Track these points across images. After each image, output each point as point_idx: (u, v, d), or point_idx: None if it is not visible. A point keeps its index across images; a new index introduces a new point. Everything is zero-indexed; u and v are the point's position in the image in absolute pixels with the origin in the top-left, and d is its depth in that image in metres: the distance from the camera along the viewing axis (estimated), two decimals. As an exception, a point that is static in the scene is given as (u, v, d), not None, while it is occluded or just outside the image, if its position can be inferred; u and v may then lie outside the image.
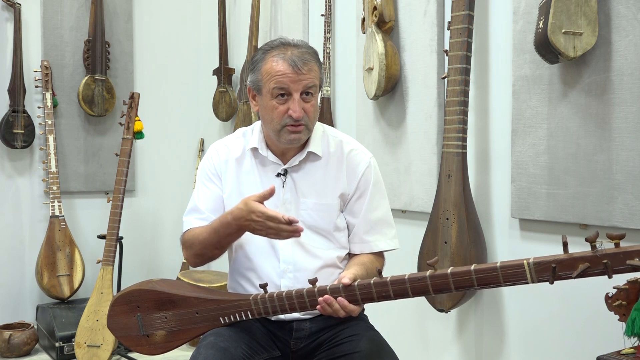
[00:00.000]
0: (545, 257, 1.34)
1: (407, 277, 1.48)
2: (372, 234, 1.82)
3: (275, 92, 1.69)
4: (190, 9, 4.56)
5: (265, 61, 1.71)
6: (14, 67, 3.79)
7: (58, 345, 3.47)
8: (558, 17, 1.90)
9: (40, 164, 3.92)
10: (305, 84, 1.68)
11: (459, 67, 2.28)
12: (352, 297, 1.55)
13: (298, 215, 1.78)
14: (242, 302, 1.65)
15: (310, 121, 1.73)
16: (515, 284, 1.37)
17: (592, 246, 1.28)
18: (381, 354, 1.69)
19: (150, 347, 1.77)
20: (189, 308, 1.70)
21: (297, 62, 1.67)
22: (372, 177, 1.81)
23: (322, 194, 1.79)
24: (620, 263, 1.26)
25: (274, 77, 1.68)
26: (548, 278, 1.32)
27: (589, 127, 2.02)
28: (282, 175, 1.79)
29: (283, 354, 1.79)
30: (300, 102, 1.69)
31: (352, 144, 1.85)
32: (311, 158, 1.80)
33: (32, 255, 3.90)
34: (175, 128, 4.49)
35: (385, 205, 1.86)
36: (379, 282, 1.51)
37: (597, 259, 1.28)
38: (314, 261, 1.78)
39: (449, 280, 1.42)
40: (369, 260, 1.78)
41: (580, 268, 1.29)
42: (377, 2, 2.72)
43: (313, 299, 1.57)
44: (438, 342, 2.66)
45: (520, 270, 1.35)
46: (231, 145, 1.86)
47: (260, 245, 1.79)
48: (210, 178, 1.85)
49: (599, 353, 1.69)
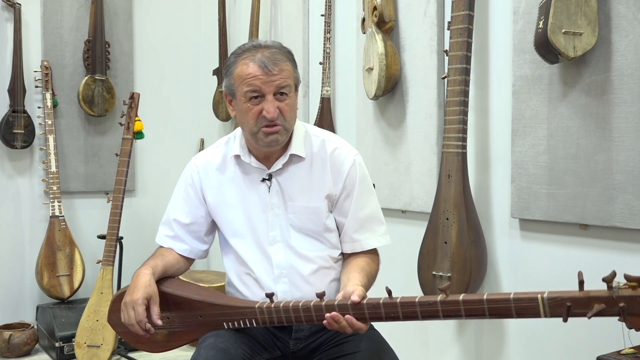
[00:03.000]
0: (561, 293, 1.28)
1: (418, 300, 1.44)
2: (362, 232, 1.79)
3: (248, 95, 1.67)
4: (190, 9, 4.56)
5: (237, 65, 1.69)
6: (14, 67, 3.79)
7: (58, 345, 3.47)
8: (558, 17, 1.90)
9: (40, 164, 3.92)
10: (277, 84, 1.66)
11: (459, 67, 2.28)
12: (360, 315, 1.50)
13: (287, 218, 1.76)
14: (247, 309, 1.62)
15: (287, 121, 1.69)
16: (527, 317, 1.33)
17: (608, 286, 1.24)
18: (381, 354, 1.69)
19: (151, 345, 1.76)
20: (192, 311, 1.69)
21: (267, 63, 1.65)
22: (357, 175, 1.77)
23: (309, 196, 1.76)
24: (637, 307, 1.21)
25: (245, 80, 1.66)
26: (562, 315, 1.28)
27: (589, 127, 2.01)
28: (267, 180, 1.77)
29: (283, 354, 1.79)
30: (274, 102, 1.66)
31: (336, 142, 1.80)
32: (294, 160, 1.77)
33: (32, 255, 3.90)
34: (175, 128, 4.49)
35: (374, 201, 1.83)
36: (389, 302, 1.47)
37: (614, 300, 1.23)
38: (307, 264, 1.76)
39: (460, 307, 1.39)
40: (367, 264, 1.75)
41: (595, 308, 1.24)
42: (377, 2, 2.72)
43: (320, 314, 1.53)
44: (438, 342, 2.66)
45: (534, 304, 1.30)
46: (211, 157, 1.84)
47: (252, 252, 1.78)
48: (187, 192, 1.84)
49: (599, 353, 1.69)
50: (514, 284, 2.33)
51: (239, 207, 1.79)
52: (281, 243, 1.76)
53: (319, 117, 3.29)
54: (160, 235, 1.88)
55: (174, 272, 1.81)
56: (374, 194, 1.84)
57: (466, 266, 2.26)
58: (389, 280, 2.80)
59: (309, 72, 3.50)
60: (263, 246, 1.77)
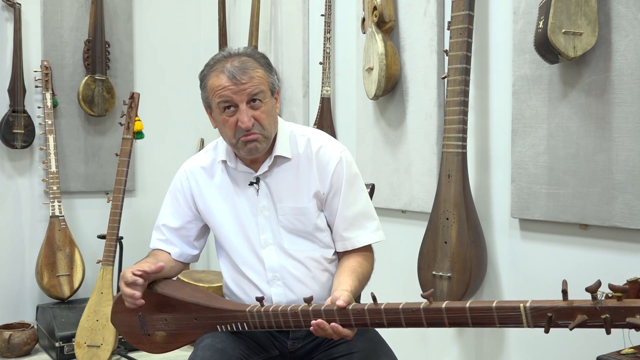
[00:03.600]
0: (543, 302, 1.25)
1: (401, 307, 1.42)
2: (352, 230, 1.76)
3: (222, 106, 1.67)
4: (190, 9, 4.56)
5: (209, 77, 1.69)
6: (14, 67, 3.79)
7: (58, 345, 3.47)
8: (558, 17, 1.90)
9: (40, 164, 3.92)
10: (248, 92, 1.64)
11: (459, 67, 2.28)
12: (346, 321, 1.49)
13: (277, 220, 1.76)
14: (239, 313, 1.63)
15: (265, 128, 1.68)
16: (510, 326, 1.31)
17: (592, 297, 1.20)
18: (380, 355, 1.69)
19: (151, 345, 1.78)
20: (187, 313, 1.69)
21: (235, 73, 1.64)
22: (344, 173, 1.75)
23: (297, 197, 1.75)
24: (621, 319, 1.18)
25: (216, 92, 1.66)
26: (544, 325, 1.25)
27: (589, 127, 2.01)
28: (254, 183, 1.76)
29: (281, 354, 1.78)
30: (249, 111, 1.65)
31: (321, 141, 1.78)
32: (280, 161, 1.76)
33: (32, 255, 3.90)
34: (175, 128, 4.49)
35: (363, 198, 1.80)
36: (373, 308, 1.45)
37: (597, 312, 1.19)
38: (299, 266, 1.75)
39: (443, 315, 1.37)
40: (358, 264, 1.73)
41: (578, 319, 1.21)
42: (377, 2, 2.72)
43: (307, 319, 1.52)
44: (438, 342, 2.66)
45: (516, 314, 1.28)
46: (200, 162, 1.85)
47: (245, 256, 1.77)
48: (177, 198, 1.85)
49: (599, 353, 1.69)
50: (514, 284, 2.33)
51: (229, 212, 1.78)
52: (273, 246, 1.75)
53: (319, 117, 3.29)
54: (153, 240, 1.90)
55: (168, 270, 1.81)
56: (364, 190, 1.81)
57: (466, 266, 2.26)
58: (389, 280, 2.81)
59: (309, 72, 3.50)
60: (255, 250, 1.76)
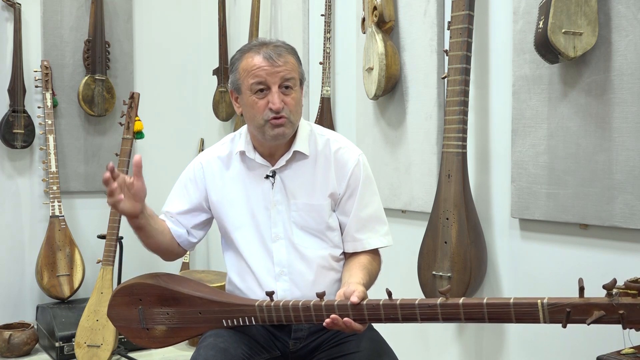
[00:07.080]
0: (561, 299, 1.28)
1: (418, 302, 1.44)
2: (364, 231, 1.79)
3: (254, 88, 1.69)
4: (190, 9, 4.56)
5: (242, 59, 1.72)
6: (14, 67, 3.79)
7: (58, 345, 3.47)
8: (558, 17, 1.90)
9: (40, 164, 3.92)
10: (282, 75, 1.67)
11: (459, 67, 2.28)
12: (359, 316, 1.50)
13: (289, 216, 1.77)
14: (247, 307, 1.63)
15: (292, 114, 1.71)
16: (526, 322, 1.33)
17: (608, 293, 1.24)
18: (381, 354, 1.69)
19: (149, 340, 1.76)
20: (192, 307, 1.69)
21: (272, 54, 1.67)
22: (361, 175, 1.79)
23: (312, 194, 1.77)
24: (637, 315, 1.21)
25: (251, 72, 1.68)
26: (561, 320, 1.28)
27: (589, 127, 2.01)
28: (270, 177, 1.78)
29: (283, 354, 1.78)
30: (280, 95, 1.68)
31: (340, 142, 1.82)
32: (298, 157, 1.78)
33: (32, 255, 3.90)
34: (175, 128, 4.49)
35: (376, 201, 1.84)
36: (389, 304, 1.47)
37: (614, 308, 1.23)
38: (308, 262, 1.76)
39: (460, 311, 1.39)
40: (368, 262, 1.76)
41: (595, 315, 1.24)
42: (377, 2, 2.72)
43: (320, 314, 1.53)
44: (438, 342, 2.66)
45: (533, 309, 1.31)
46: (217, 153, 1.86)
47: (254, 249, 1.79)
48: (186, 186, 1.87)
49: (599, 353, 1.69)
50: (514, 284, 2.33)
51: (242, 202, 1.80)
52: (284, 240, 1.77)
53: (319, 117, 3.29)
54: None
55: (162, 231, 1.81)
56: (377, 194, 1.85)
57: (466, 266, 2.26)
58: (389, 280, 2.81)
59: (309, 72, 3.50)
60: (265, 242, 1.77)
